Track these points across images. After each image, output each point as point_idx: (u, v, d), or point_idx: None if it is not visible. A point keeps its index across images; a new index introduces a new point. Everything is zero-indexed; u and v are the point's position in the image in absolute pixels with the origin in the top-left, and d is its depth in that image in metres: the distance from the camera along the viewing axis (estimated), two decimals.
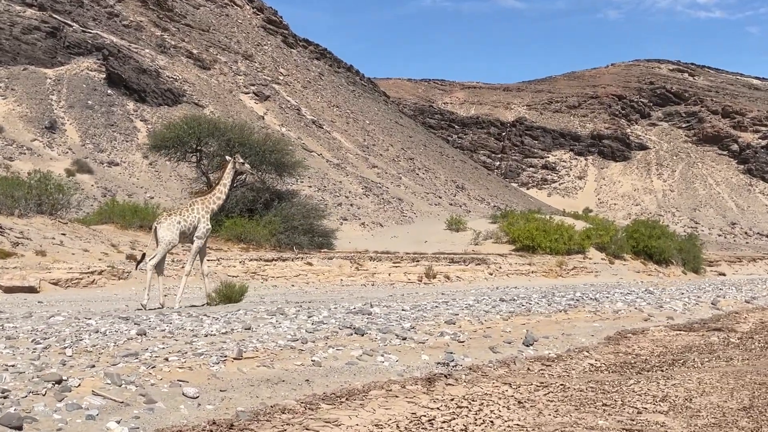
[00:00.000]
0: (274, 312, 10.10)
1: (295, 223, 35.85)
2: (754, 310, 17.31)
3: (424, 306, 12.07)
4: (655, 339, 10.95)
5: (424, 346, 8.25)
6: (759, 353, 9.90)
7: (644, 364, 8.64)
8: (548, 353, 8.76)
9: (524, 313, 12.14)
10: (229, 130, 36.09)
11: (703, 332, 12.17)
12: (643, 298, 16.61)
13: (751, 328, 13.35)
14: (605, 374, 7.88)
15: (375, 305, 11.73)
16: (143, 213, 34.26)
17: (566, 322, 11.63)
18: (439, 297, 16.29)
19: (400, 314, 10.70)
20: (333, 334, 8.34)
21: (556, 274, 42.58)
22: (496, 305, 12.87)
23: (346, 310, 10.75)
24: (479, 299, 14.10)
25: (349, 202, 66.75)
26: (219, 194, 14.49)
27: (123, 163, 63.20)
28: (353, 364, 7.02)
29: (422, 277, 35.08)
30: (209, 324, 8.69)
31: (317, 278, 32.25)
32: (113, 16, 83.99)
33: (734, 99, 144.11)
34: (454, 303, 12.95)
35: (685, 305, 16.08)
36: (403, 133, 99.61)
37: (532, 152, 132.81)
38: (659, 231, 52.44)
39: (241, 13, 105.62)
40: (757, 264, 72.00)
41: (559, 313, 12.66)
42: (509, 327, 10.46)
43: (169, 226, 13.58)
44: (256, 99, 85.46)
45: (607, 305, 14.44)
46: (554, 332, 10.41)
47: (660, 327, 12.32)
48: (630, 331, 11.57)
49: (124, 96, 73.45)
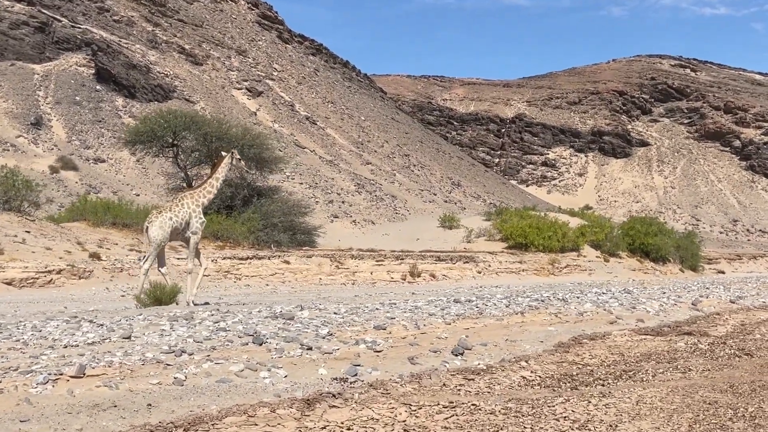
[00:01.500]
0: (177, 317, 9.00)
1: (275, 221, 34.83)
2: (737, 311, 16.15)
3: (364, 308, 10.95)
4: (613, 345, 9.82)
5: (328, 357, 7.14)
6: (724, 362, 8.77)
7: (587, 377, 7.52)
8: (478, 364, 7.64)
9: (474, 316, 11.02)
10: (206, 124, 35.01)
11: (672, 337, 11.04)
12: (617, 299, 15.47)
13: (727, 332, 12.21)
14: (534, 390, 6.76)
15: (307, 308, 10.62)
16: (116, 210, 33.19)
17: (518, 327, 10.51)
18: (399, 297, 15.20)
19: (328, 318, 9.59)
20: (226, 344, 7.25)
21: (548, 272, 41.49)
22: (446, 307, 11.75)
23: (267, 314, 9.65)
24: (433, 300, 12.97)
25: (340, 199, 65.68)
26: (209, 188, 14.12)
27: (110, 159, 62.18)
28: (225, 382, 5.93)
29: (406, 275, 34.04)
30: (85, 331, 7.61)
31: (294, 277, 31.18)
32: (103, 11, 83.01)
33: (737, 95, 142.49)
34: (399, 305, 11.82)
35: (662, 306, 14.93)
36: (399, 129, 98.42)
37: (531, 149, 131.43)
38: (656, 228, 51.28)
39: (236, 9, 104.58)
40: (757, 262, 70.75)
41: (514, 315, 11.53)
42: (448, 332, 9.35)
43: (161, 224, 13.18)
44: (249, 95, 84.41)
45: (573, 306, 13.30)
46: (498, 338, 9.29)
47: (625, 331, 11.19)
48: (588, 335, 10.44)
49: (113, 92, 72.45)
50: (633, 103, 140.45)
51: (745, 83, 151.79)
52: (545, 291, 17.18)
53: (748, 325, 13.44)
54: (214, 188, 14.20)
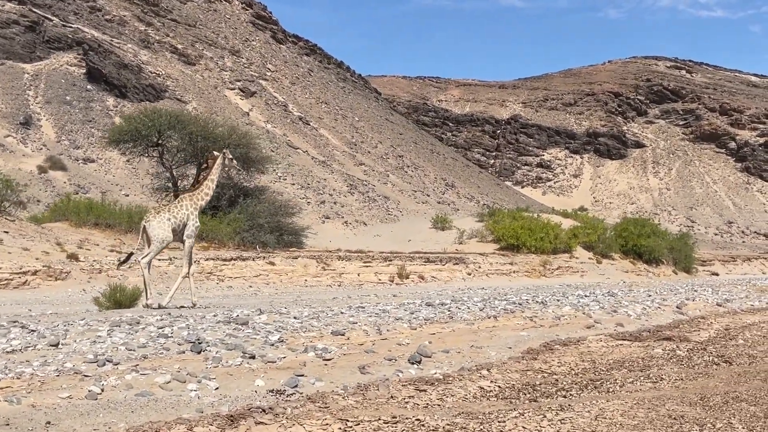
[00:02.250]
0: (121, 322, 8.49)
1: (261, 221, 34.37)
2: (723, 314, 15.69)
3: (328, 312, 10.45)
4: (585, 351, 9.33)
5: (271, 366, 6.65)
6: (700, 371, 8.29)
7: (550, 387, 7.04)
8: (435, 373, 7.16)
9: (444, 320, 10.53)
10: (191, 123, 34.49)
11: (650, 342, 10.56)
12: (599, 302, 14.99)
13: (709, 337, 11.73)
14: (489, 403, 6.28)
15: (268, 312, 10.12)
16: (98, 210, 32.75)
17: (487, 332, 10.02)
18: (378, 300, 14.73)
19: (286, 323, 9.09)
20: (160, 352, 6.75)
21: (539, 273, 41.08)
22: (416, 311, 11.25)
23: (222, 318, 9.14)
24: (405, 303, 12.47)
25: (332, 200, 65.18)
26: (206, 190, 14.10)
27: (99, 159, 61.58)
28: (145, 396, 5.43)
29: (394, 277, 33.61)
30: (12, 338, 7.11)
31: (279, 279, 30.73)
32: (95, 10, 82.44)
33: (732, 96, 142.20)
34: (368, 308, 11.32)
35: (645, 309, 14.45)
36: (393, 130, 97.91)
37: (527, 150, 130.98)
38: (649, 229, 50.93)
39: (230, 9, 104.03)
40: (752, 263, 70.44)
41: (487, 320, 11.04)
42: (411, 339, 8.86)
43: (160, 223, 13.09)
44: (242, 95, 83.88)
45: (551, 310, 12.82)
46: (463, 344, 8.80)
47: (601, 336, 10.71)
48: (562, 341, 9.95)
49: (104, 92, 71.87)
50: (628, 104, 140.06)
51: (740, 85, 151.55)
52: (527, 293, 16.70)
53: (732, 330, 12.97)
54: (210, 190, 14.20)
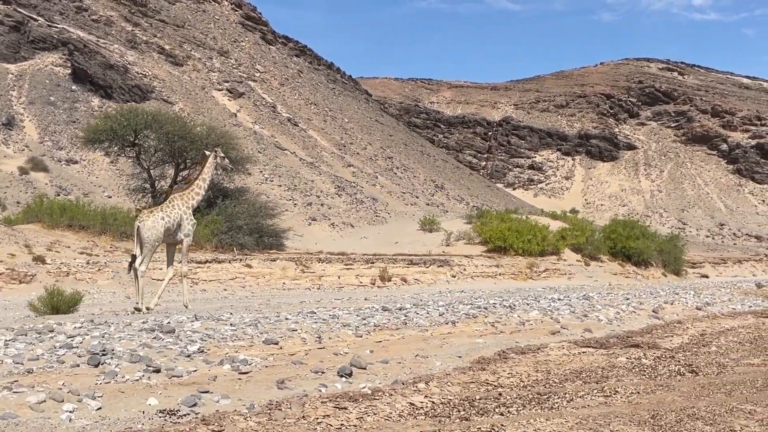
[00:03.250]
0: (28, 330, 7.78)
1: (240, 223, 33.68)
2: (701, 318, 15.05)
3: (270, 318, 9.75)
4: (542, 361, 8.66)
5: (174, 382, 5.96)
6: (662, 382, 7.62)
7: (491, 402, 6.36)
8: (364, 387, 6.47)
9: (395, 327, 9.84)
10: (168, 123, 33.77)
11: (615, 350, 9.90)
12: (571, 305, 14.33)
13: (681, 344, 11.08)
14: (414, 422, 5.59)
15: (204, 318, 9.41)
16: (72, 211, 31.99)
17: (440, 339, 9.34)
18: (345, 303, 14.05)
19: (218, 331, 8.38)
20: (51, 366, 6.06)
21: (525, 276, 40.54)
22: (368, 317, 10.56)
23: (147, 326, 8.43)
24: (361, 308, 11.78)
25: (319, 202, 64.46)
26: (198, 189, 14.07)
27: (83, 161, 60.68)
28: (7, 419, 4.75)
29: (375, 280, 33.00)
30: None
31: (256, 282, 30.06)
32: (82, 10, 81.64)
33: (724, 98, 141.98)
34: (319, 314, 10.63)
35: (618, 314, 13.79)
36: (383, 131, 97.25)
37: (518, 152, 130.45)
38: (638, 231, 50.45)
39: (219, 9, 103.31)
40: (742, 265, 70.10)
41: (443, 326, 10.36)
42: (352, 347, 8.17)
43: (153, 224, 12.96)
44: (230, 96, 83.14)
45: (517, 315, 12.15)
46: (407, 354, 8.12)
47: (564, 343, 10.04)
48: (520, 348, 9.28)
49: (89, 92, 71.01)
50: (620, 106, 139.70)
51: (732, 87, 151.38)
52: (499, 297, 16.04)
53: (708, 336, 12.33)
54: (202, 189, 14.14)
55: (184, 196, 13.71)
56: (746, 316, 16.20)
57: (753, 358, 9.62)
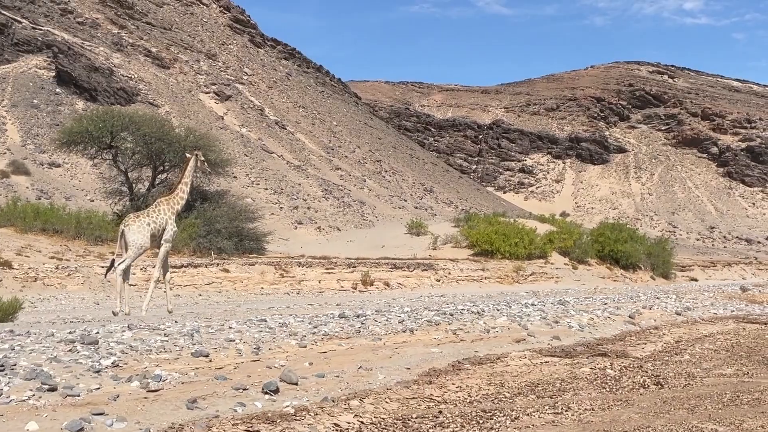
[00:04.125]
0: None
1: (219, 226, 33.00)
2: (680, 324, 14.50)
3: (213, 327, 9.11)
4: (498, 372, 8.06)
5: (66, 402, 5.34)
6: (622, 396, 7.05)
7: (427, 422, 5.77)
8: (287, 406, 5.86)
9: (347, 335, 9.22)
10: (145, 124, 33.09)
11: (581, 359, 9.32)
12: (544, 311, 13.74)
13: (652, 352, 10.50)
14: None
15: (138, 327, 8.77)
16: (46, 215, 31.28)
17: (391, 349, 8.73)
18: (311, 309, 13.44)
19: (145, 341, 7.74)
20: None
21: (512, 280, 40.09)
22: (321, 324, 9.94)
23: (66, 337, 7.78)
24: (317, 316, 11.16)
25: (306, 205, 63.80)
26: (181, 194, 14.02)
27: (65, 164, 59.84)
28: None
29: (357, 284, 32.44)
30: None
31: (233, 287, 29.46)
32: (67, 12, 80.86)
33: (714, 101, 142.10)
34: (269, 321, 10.00)
35: (592, 320, 13.22)
36: (372, 134, 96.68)
37: (509, 155, 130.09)
38: (626, 234, 50.08)
39: (207, 12, 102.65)
40: (732, 269, 69.83)
41: (400, 334, 9.75)
42: (291, 359, 7.56)
43: (140, 228, 12.94)
44: (217, 99, 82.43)
45: (484, 321, 11.55)
46: (350, 366, 7.50)
47: (526, 352, 9.45)
48: (478, 359, 8.69)
49: (73, 95, 70.20)
50: (611, 109, 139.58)
51: (722, 90, 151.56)
52: (470, 302, 15.44)
53: (683, 342, 11.77)
54: (185, 193, 14.09)
55: (170, 201, 13.59)
56: (727, 321, 15.67)
57: (726, 368, 9.06)
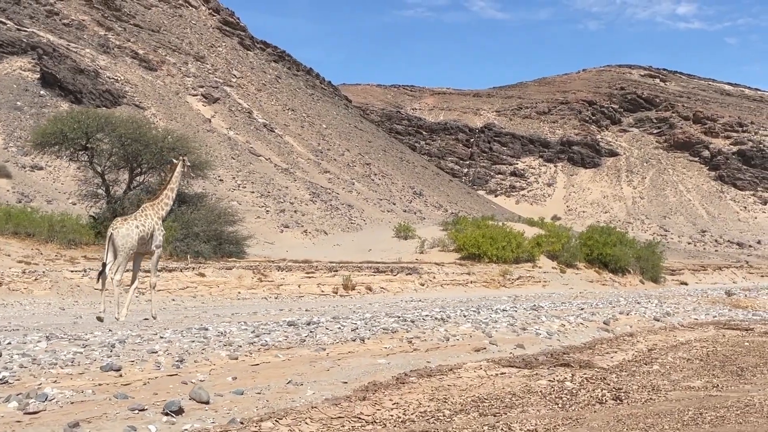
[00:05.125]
0: None
1: (197, 230, 32.25)
2: (657, 330, 13.86)
3: (142, 336, 8.41)
4: (446, 386, 7.40)
5: None
6: (572, 415, 6.39)
7: None
8: (185, 429, 5.16)
9: (288, 346, 8.53)
10: (121, 125, 32.34)
11: (541, 370, 8.66)
12: (514, 317, 13.09)
13: (621, 361, 9.85)
14: None
15: (59, 337, 8.07)
16: (19, 218, 30.51)
17: (334, 360, 8.05)
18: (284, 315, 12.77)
19: (54, 354, 7.04)
20: None
21: (498, 284, 39.53)
22: (263, 334, 9.24)
23: None
24: (261, 324, 10.46)
25: (293, 209, 63.07)
26: (167, 199, 14.08)
27: (48, 167, 58.97)
28: None
29: (338, 288, 31.79)
30: None
31: (209, 291, 28.75)
32: (53, 14, 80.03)
33: (706, 104, 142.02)
34: (210, 331, 9.29)
35: (563, 326, 12.56)
36: (362, 138, 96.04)
37: (500, 159, 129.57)
38: (615, 238, 49.60)
39: (196, 14, 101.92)
40: (722, 272, 69.51)
41: (349, 343, 9.07)
42: (216, 373, 6.87)
43: (128, 232, 13.03)
44: (205, 101, 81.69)
45: (444, 329, 10.87)
46: (278, 381, 6.82)
47: (484, 362, 8.79)
48: (428, 371, 8.02)
49: (58, 97, 69.32)
50: (602, 113, 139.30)
51: (714, 93, 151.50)
52: (437, 308, 14.77)
53: (656, 351, 11.12)
54: (170, 199, 14.18)
55: (155, 206, 13.64)
56: (707, 327, 15.05)
57: (696, 380, 8.41)
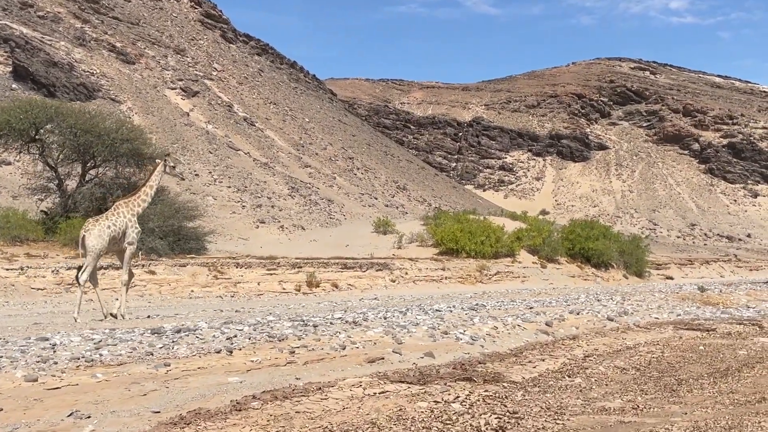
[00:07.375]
0: None
1: (152, 225, 30.75)
2: (606, 332, 12.47)
3: (16, 343, 6.95)
4: (294, 412, 5.98)
5: None
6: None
7: None
8: None
9: (130, 359, 7.08)
10: (71, 116, 30.83)
11: (435, 386, 7.24)
12: (442, 319, 11.65)
13: (541, 373, 8.43)
14: None
15: None
16: None
17: (171, 378, 6.61)
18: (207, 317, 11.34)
19: None
20: None
21: (474, 279, 38.23)
22: (110, 344, 7.79)
23: None
24: (116, 329, 9.00)
25: (270, 204, 61.54)
26: (144, 196, 14.05)
27: (16, 162, 57.30)
28: None
29: (301, 286, 30.39)
30: None
31: (159, 290, 27.25)
32: (27, 6, 78.22)
33: (696, 97, 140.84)
34: (46, 340, 7.83)
35: (495, 329, 11.16)
36: (345, 131, 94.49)
37: (489, 153, 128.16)
38: (598, 232, 48.34)
39: (177, 7, 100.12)
40: (710, 266, 68.35)
41: (211, 355, 7.63)
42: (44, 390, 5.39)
43: (99, 233, 12.93)
44: (183, 95, 79.99)
45: (348, 335, 9.43)
46: (60, 412, 5.37)
47: (365, 378, 7.36)
48: (285, 391, 6.59)
49: (30, 90, 67.55)
50: (592, 106, 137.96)
51: (704, 86, 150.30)
52: (364, 309, 13.35)
53: (592, 358, 9.72)
54: (148, 197, 14.12)
55: (129, 204, 13.59)
56: (666, 327, 13.67)
57: (616, 398, 7.01)
